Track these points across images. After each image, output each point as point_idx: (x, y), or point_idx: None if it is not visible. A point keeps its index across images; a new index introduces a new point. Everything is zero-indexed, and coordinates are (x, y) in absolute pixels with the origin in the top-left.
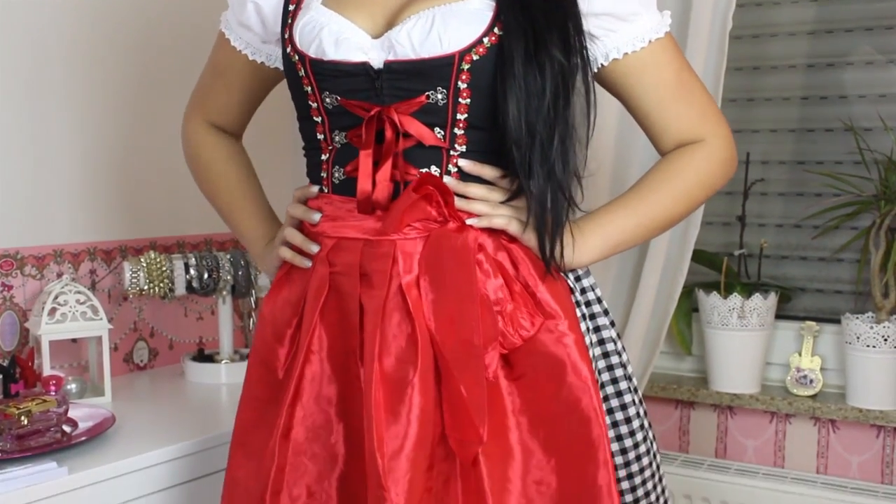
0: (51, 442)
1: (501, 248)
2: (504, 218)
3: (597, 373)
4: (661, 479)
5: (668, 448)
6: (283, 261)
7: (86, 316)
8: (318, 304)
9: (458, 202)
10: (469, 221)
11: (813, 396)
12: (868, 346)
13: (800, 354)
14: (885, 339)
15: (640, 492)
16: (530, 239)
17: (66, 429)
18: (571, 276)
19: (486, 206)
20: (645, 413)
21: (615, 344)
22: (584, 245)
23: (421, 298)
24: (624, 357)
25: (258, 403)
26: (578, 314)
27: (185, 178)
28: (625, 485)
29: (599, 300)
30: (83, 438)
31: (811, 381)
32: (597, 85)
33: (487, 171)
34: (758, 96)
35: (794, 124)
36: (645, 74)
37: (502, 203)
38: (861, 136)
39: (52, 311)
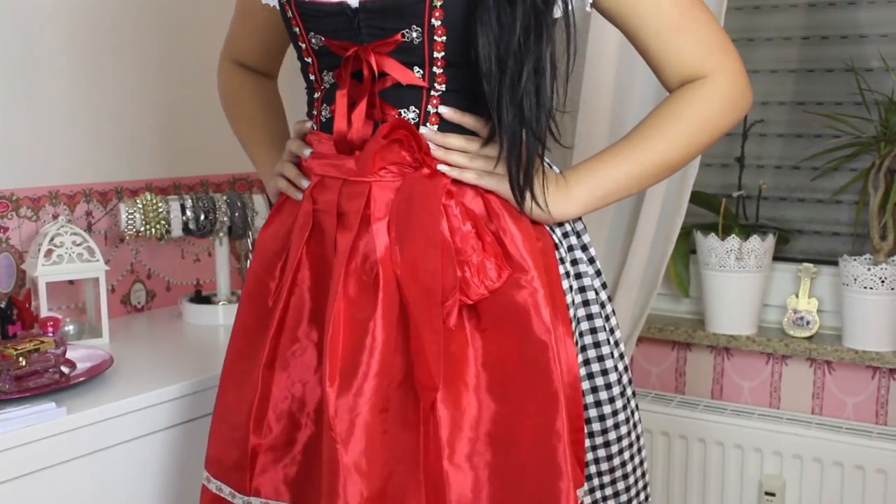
0: (49, 383)
1: (479, 196)
2: (474, 173)
3: (577, 335)
4: (640, 451)
5: (664, 389)
6: (280, 192)
7: (82, 257)
8: (302, 239)
9: (436, 152)
10: (441, 168)
11: (809, 338)
12: (865, 287)
13: (797, 296)
14: (883, 281)
15: (617, 461)
16: (503, 188)
17: (65, 370)
18: (559, 232)
19: (464, 157)
20: (630, 382)
21: (602, 310)
22: (568, 196)
23: (390, 243)
24: (612, 322)
25: (247, 332)
26: (562, 271)
27: (181, 120)
28: (601, 452)
29: (592, 261)
30: (81, 379)
31: (808, 323)
32: (600, 22)
33: (468, 120)
34: (758, 36)
35: (794, 65)
36: (640, 3)
37: (482, 146)
38: (862, 76)
39: (49, 252)
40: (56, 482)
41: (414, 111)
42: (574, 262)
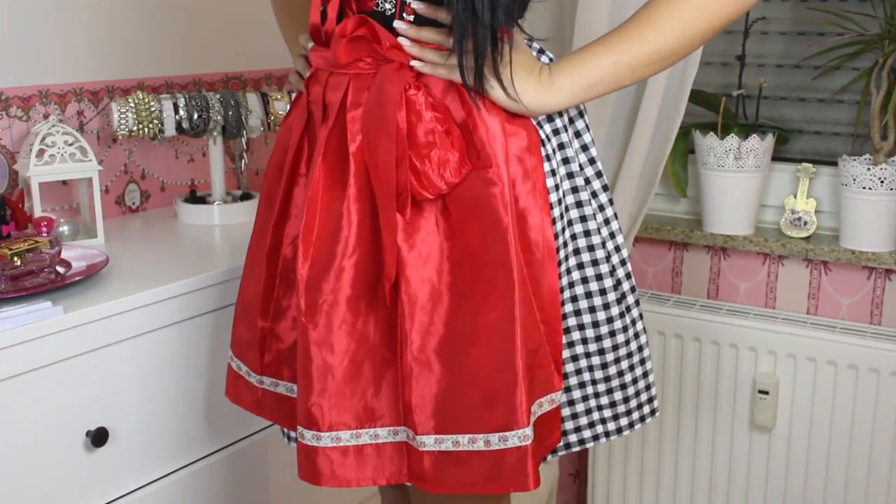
0: (45, 282)
1: (454, 89)
2: (446, 69)
3: (569, 237)
4: (643, 362)
5: (660, 289)
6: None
7: (75, 157)
8: (300, 130)
9: (410, 49)
10: (413, 64)
11: (806, 238)
12: (864, 188)
13: (795, 196)
14: (882, 182)
15: (613, 370)
16: (470, 75)
17: (60, 270)
18: (548, 129)
19: (438, 54)
20: (632, 290)
21: (601, 212)
22: (550, 86)
23: (361, 134)
24: (613, 227)
25: (261, 222)
26: (547, 169)
27: (173, 17)
28: (595, 360)
29: (592, 161)
30: (77, 279)
31: (805, 223)
32: None
33: (442, 15)
34: None
35: None
36: None
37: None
38: None
39: (41, 152)
40: (54, 381)
41: (391, 2)
42: (566, 161)
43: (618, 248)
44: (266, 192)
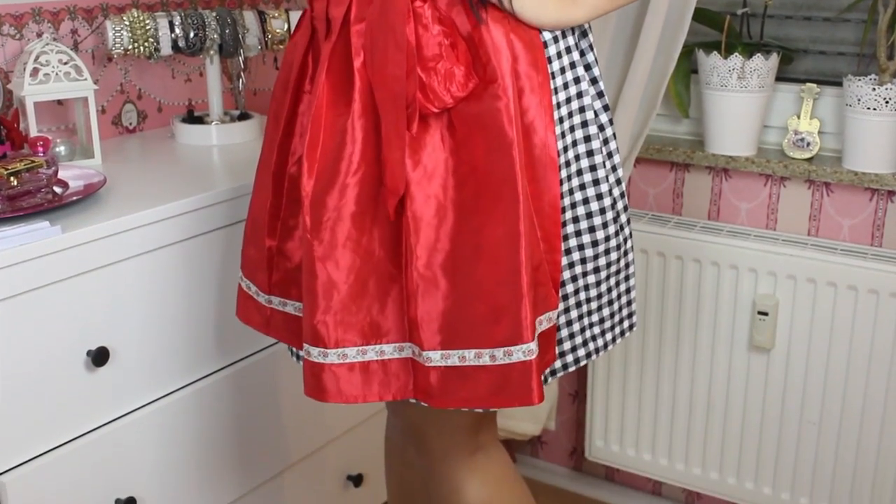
0: (42, 202)
1: (458, 4)
2: None
3: (573, 156)
4: (628, 279)
5: (661, 210)
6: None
7: (70, 76)
8: (304, 47)
9: None
10: None
11: (809, 160)
12: (868, 108)
13: (798, 117)
14: (887, 102)
15: (604, 287)
16: None
17: (57, 190)
18: (554, 49)
19: None
20: (625, 209)
21: (601, 132)
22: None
23: (364, 48)
24: (611, 146)
25: (268, 142)
26: (553, 86)
27: None
28: (591, 278)
29: (595, 81)
30: (75, 199)
31: (808, 144)
32: None
33: None
34: None
35: None
36: None
37: None
38: None
39: (35, 71)
40: (53, 301)
41: None
42: (577, 81)
43: (614, 168)
44: (273, 110)
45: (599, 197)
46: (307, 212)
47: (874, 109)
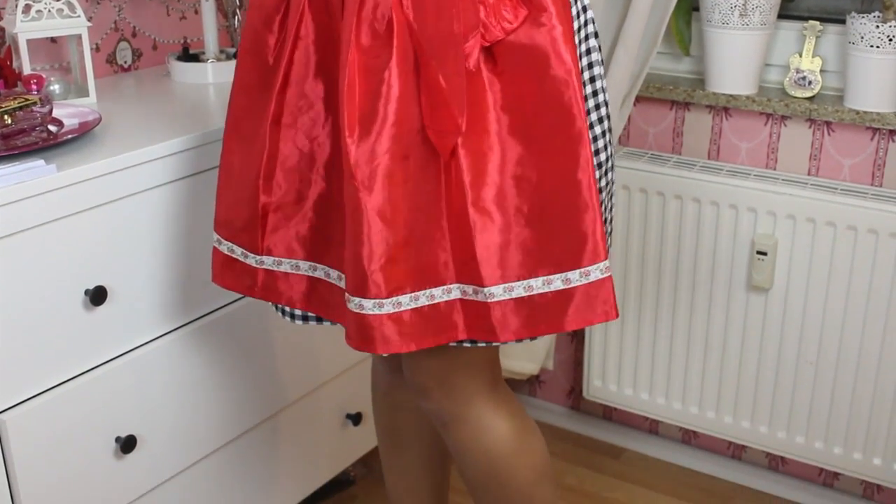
0: (37, 141)
1: None
2: None
3: (585, 90)
4: (611, 197)
5: (661, 150)
6: None
7: (62, 13)
8: None
9: None
10: None
11: (810, 98)
12: (871, 46)
13: (800, 55)
14: (890, 40)
15: (605, 206)
16: None
17: (52, 128)
18: None
19: None
20: (609, 130)
21: (600, 58)
22: None
23: None
24: (604, 83)
25: (248, 90)
26: (576, 26)
27: None
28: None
29: (592, 21)
30: (70, 137)
31: (810, 83)
32: None
33: None
34: None
35: None
36: None
37: None
38: None
39: (27, 8)
40: (49, 240)
41: None
42: (584, 10)
43: (604, 89)
44: (252, 54)
45: (601, 120)
46: (354, 162)
47: (877, 47)
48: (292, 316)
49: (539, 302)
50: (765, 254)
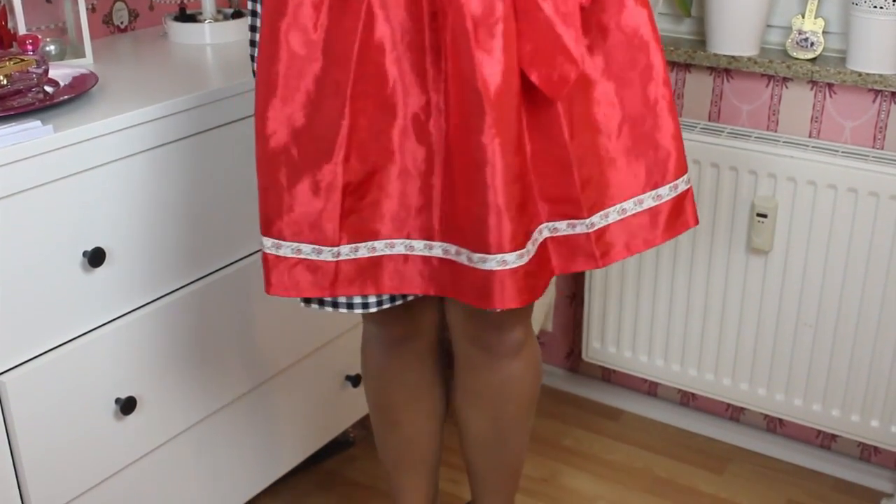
0: (33, 102)
1: None
2: None
3: None
4: None
5: None
6: None
7: None
8: None
9: None
10: None
11: (812, 60)
12: (875, 6)
13: (802, 16)
14: (894, 1)
15: None
16: None
17: (48, 89)
18: None
19: None
20: None
21: None
22: None
23: None
24: None
25: (302, 65)
26: None
27: None
28: None
29: None
30: (66, 97)
31: (812, 44)
32: None
33: None
34: None
35: None
36: None
37: None
38: None
39: None
40: (46, 202)
41: None
42: None
43: None
44: (293, 21)
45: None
46: (492, 107)
47: (881, 8)
48: (349, 307)
49: (635, 221)
50: (765, 216)
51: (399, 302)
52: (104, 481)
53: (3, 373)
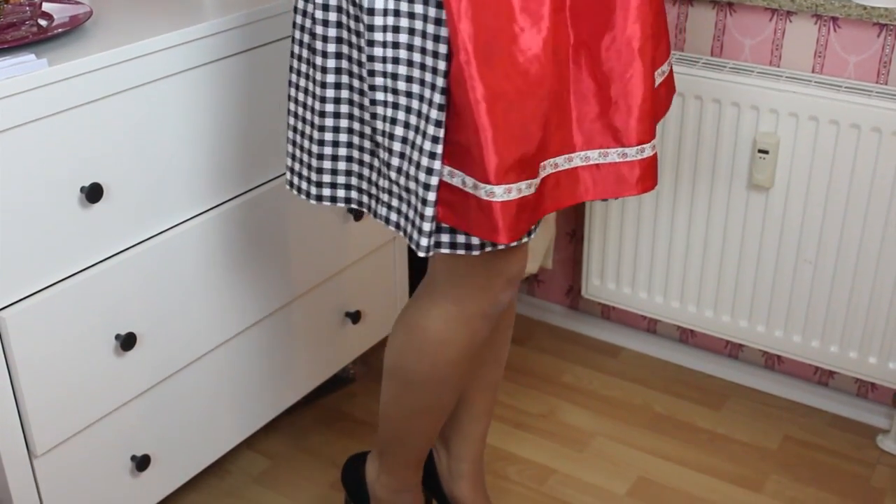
0: (26, 35)
1: None
2: None
3: None
4: None
5: None
6: None
7: None
8: None
9: None
10: None
11: None
12: None
13: None
14: None
15: None
16: None
17: (42, 23)
18: None
19: None
20: None
21: None
22: None
23: None
24: None
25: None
26: None
27: None
28: None
29: None
30: (61, 31)
31: None
32: None
33: None
34: None
35: None
36: None
37: None
38: None
39: None
40: (42, 137)
41: None
42: None
43: None
44: None
45: None
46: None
47: None
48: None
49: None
50: (766, 152)
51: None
52: (105, 417)
53: (2, 309)
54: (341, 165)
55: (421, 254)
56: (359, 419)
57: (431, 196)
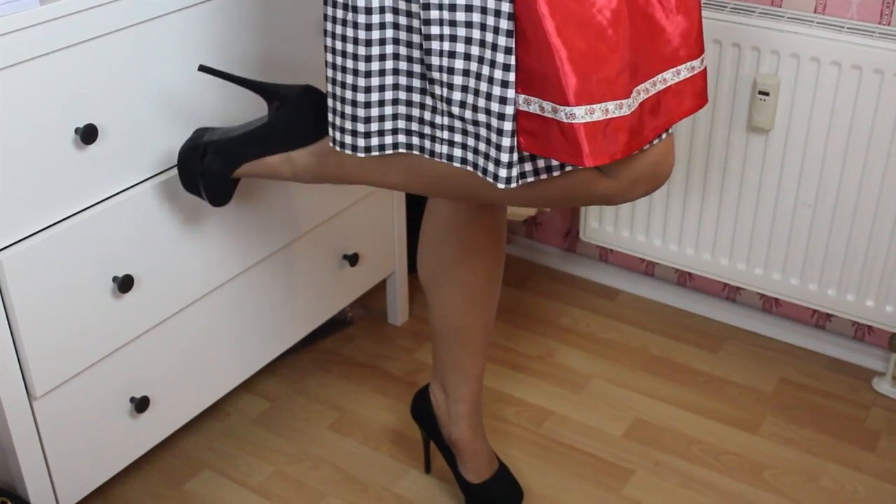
0: None
1: None
2: None
3: None
4: None
5: None
6: None
7: None
8: None
9: None
10: None
11: None
12: None
13: None
14: None
15: None
16: None
17: None
18: None
19: None
20: None
21: None
22: None
23: None
24: None
25: None
26: None
27: None
28: None
29: None
30: None
31: None
32: None
33: None
34: None
35: None
36: None
37: None
38: None
39: None
40: (35, 77)
41: None
42: None
43: None
44: None
45: None
46: None
47: None
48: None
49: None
50: (767, 94)
51: None
52: (104, 359)
53: None
54: (387, 110)
55: (500, 186)
56: (357, 362)
57: (508, 126)
